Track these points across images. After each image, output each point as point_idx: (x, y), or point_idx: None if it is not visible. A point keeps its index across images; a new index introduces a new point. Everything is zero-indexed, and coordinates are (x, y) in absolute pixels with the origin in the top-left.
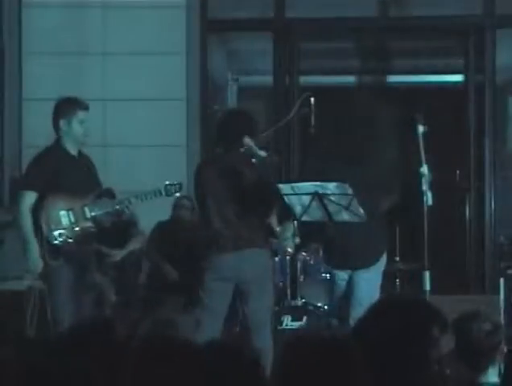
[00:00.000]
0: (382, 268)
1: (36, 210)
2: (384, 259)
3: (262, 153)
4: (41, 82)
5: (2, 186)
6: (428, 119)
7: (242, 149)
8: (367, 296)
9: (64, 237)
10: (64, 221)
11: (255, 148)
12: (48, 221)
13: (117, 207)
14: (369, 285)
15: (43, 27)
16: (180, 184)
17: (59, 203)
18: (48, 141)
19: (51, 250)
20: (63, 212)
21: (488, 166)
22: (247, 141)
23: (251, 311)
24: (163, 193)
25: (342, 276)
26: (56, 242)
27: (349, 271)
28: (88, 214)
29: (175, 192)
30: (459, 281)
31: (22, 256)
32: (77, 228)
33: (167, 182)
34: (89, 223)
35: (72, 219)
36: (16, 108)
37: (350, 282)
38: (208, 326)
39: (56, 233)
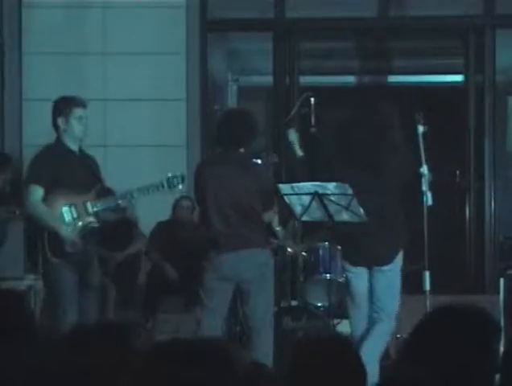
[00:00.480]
0: (400, 265)
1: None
2: (400, 257)
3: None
4: (41, 82)
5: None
6: (428, 119)
7: (242, 149)
8: (386, 292)
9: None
10: (66, 217)
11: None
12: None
13: (120, 201)
14: (387, 281)
15: (43, 27)
16: (183, 176)
17: (61, 198)
18: (48, 141)
19: (54, 247)
20: (65, 208)
21: (488, 166)
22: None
23: (251, 311)
24: (165, 185)
25: (358, 273)
26: (63, 243)
27: (366, 268)
28: (91, 209)
29: (178, 184)
30: (459, 281)
31: (22, 256)
32: (80, 224)
33: (170, 175)
34: (92, 219)
35: (75, 215)
36: (16, 108)
37: (369, 279)
38: (208, 326)
39: (62, 234)
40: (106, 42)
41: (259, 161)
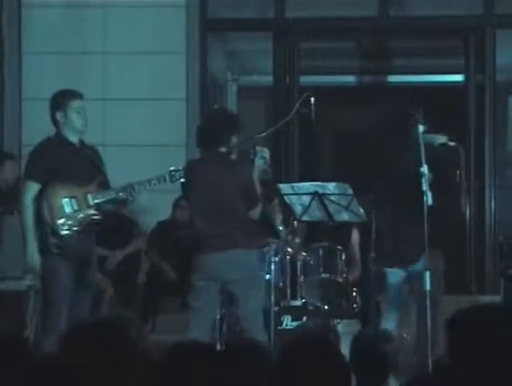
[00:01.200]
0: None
1: (38, 199)
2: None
3: None
4: (41, 82)
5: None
6: (428, 119)
7: (223, 148)
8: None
9: (67, 227)
10: (66, 209)
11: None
12: (51, 210)
13: (121, 194)
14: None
15: (43, 27)
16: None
17: (61, 190)
18: None
19: (54, 239)
20: (65, 200)
21: (488, 166)
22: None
23: (241, 313)
24: (167, 179)
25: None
26: (63, 232)
27: (401, 268)
28: (92, 201)
29: (180, 178)
30: (459, 281)
31: (22, 256)
32: (80, 216)
33: (172, 168)
34: (93, 211)
35: (75, 207)
36: (16, 108)
37: (408, 275)
38: (196, 327)
39: (60, 223)
40: (106, 41)
41: (252, 156)
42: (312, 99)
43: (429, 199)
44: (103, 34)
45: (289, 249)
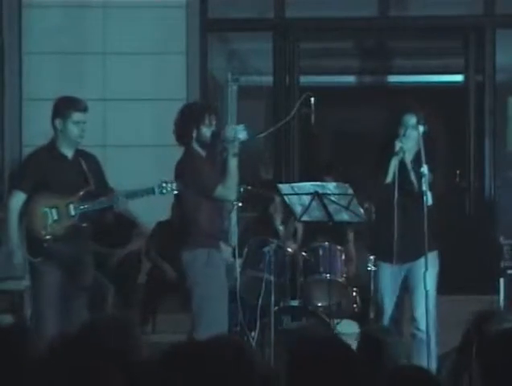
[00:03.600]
0: None
1: (22, 210)
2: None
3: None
4: (41, 82)
5: (1, 185)
6: (428, 119)
7: (195, 144)
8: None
9: (48, 237)
10: (46, 219)
11: None
12: (32, 220)
13: (104, 204)
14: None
15: (43, 27)
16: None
17: (42, 201)
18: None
19: (34, 249)
20: (46, 210)
21: (488, 166)
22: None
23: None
24: (156, 191)
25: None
26: (43, 243)
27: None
28: (73, 211)
29: (171, 190)
30: (459, 281)
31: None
32: (61, 225)
33: (162, 180)
34: (74, 221)
35: (56, 217)
36: (16, 108)
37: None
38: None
39: (41, 236)
40: (106, 42)
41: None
42: (312, 99)
43: (429, 199)
44: (103, 34)
45: (289, 249)
